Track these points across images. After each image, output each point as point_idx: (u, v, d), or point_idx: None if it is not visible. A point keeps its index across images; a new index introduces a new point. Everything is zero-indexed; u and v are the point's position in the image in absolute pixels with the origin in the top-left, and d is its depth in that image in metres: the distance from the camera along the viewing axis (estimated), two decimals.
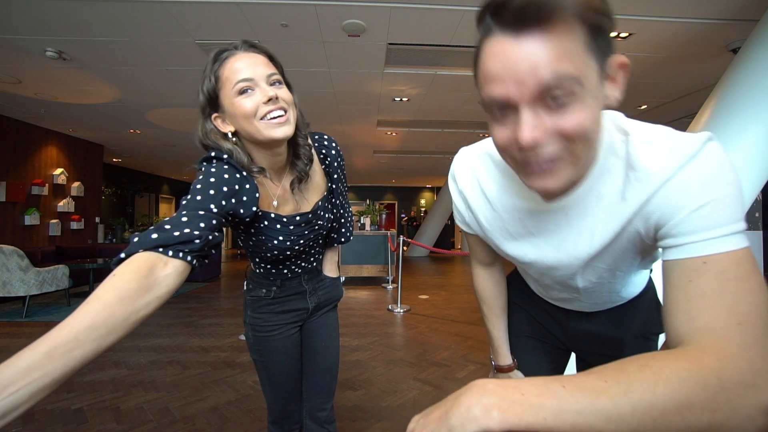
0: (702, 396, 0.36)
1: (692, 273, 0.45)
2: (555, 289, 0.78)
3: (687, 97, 4.43)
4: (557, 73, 0.41)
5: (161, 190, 12.43)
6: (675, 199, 0.47)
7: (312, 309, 1.14)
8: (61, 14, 2.71)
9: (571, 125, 0.43)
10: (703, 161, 0.47)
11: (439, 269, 8.81)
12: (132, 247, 0.63)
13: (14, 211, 5.47)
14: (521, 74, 0.42)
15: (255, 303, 1.09)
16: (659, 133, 0.51)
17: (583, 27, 0.42)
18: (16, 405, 0.42)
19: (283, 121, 0.82)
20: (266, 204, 0.93)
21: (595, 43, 0.43)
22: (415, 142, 7.07)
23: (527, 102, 0.43)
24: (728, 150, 2.14)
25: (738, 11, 2.68)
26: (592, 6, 0.42)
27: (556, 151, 0.45)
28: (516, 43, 0.42)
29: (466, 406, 0.37)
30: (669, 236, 0.48)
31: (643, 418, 0.36)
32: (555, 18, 0.40)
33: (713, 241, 0.45)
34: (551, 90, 0.42)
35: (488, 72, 0.44)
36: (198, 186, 0.76)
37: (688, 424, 0.36)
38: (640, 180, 0.51)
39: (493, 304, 0.89)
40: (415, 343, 3.44)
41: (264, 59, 0.85)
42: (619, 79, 0.47)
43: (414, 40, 3.14)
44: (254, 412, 2.17)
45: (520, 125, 0.44)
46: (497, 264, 0.89)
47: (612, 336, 0.82)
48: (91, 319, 0.50)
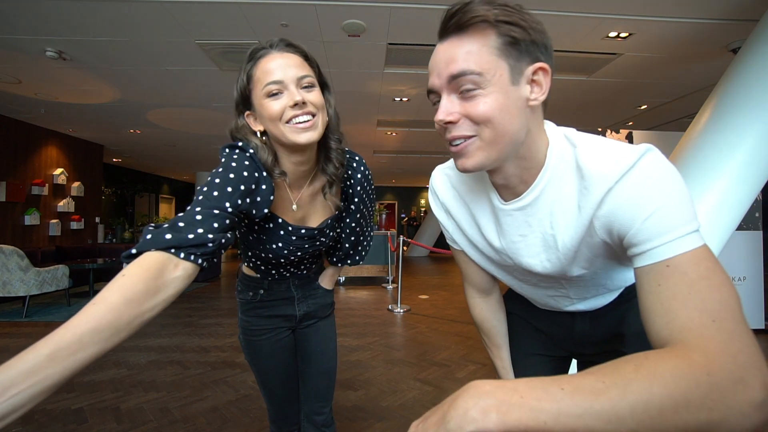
0: (696, 394, 0.37)
1: (659, 277, 0.47)
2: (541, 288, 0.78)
3: (687, 97, 4.43)
4: (462, 68, 0.52)
5: (161, 190, 12.43)
6: (626, 209, 0.51)
7: (300, 317, 1.12)
8: (61, 14, 2.71)
9: (476, 111, 0.53)
10: (643, 170, 0.50)
11: (439, 269, 8.81)
12: (144, 244, 0.62)
13: (14, 211, 5.47)
14: (440, 67, 0.55)
15: (243, 306, 1.10)
16: (603, 145, 0.56)
17: (496, 36, 0.52)
18: (17, 407, 0.42)
19: (307, 126, 0.80)
20: (278, 207, 0.92)
21: (508, 50, 0.52)
22: (415, 142, 7.07)
23: (444, 89, 0.55)
24: (728, 150, 2.15)
25: (738, 11, 2.68)
26: (504, 20, 0.51)
27: (465, 132, 0.55)
28: (441, 45, 0.55)
29: (464, 409, 0.37)
30: (631, 245, 0.51)
31: (642, 417, 0.36)
32: (469, 26, 0.52)
33: (670, 244, 0.47)
34: (459, 81, 0.53)
35: (429, 68, 0.58)
36: (217, 180, 0.75)
37: (686, 422, 0.36)
38: (587, 188, 0.55)
39: (493, 334, 0.88)
40: (415, 343, 3.44)
41: (298, 60, 0.83)
42: (541, 81, 0.55)
43: (414, 40, 3.14)
44: (254, 412, 2.17)
45: (438, 107, 0.56)
46: (495, 291, 0.88)
47: (616, 333, 0.83)
48: (96, 322, 0.49)
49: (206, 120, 5.45)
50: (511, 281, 0.85)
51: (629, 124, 5.53)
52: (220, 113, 5.06)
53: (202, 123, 5.61)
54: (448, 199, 0.76)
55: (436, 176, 0.79)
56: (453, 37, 0.54)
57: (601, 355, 0.87)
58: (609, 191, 0.52)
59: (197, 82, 4.02)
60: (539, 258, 0.67)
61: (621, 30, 2.97)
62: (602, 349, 0.86)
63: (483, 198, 0.71)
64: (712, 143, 2.20)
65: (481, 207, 0.71)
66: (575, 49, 3.27)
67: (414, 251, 11.71)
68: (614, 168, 0.52)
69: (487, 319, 0.87)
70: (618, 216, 0.52)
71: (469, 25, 0.52)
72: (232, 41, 3.11)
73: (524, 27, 0.52)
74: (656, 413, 0.36)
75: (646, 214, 0.48)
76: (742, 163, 2.12)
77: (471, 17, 0.51)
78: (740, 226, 3.28)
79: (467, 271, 0.85)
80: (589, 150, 0.56)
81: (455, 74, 0.52)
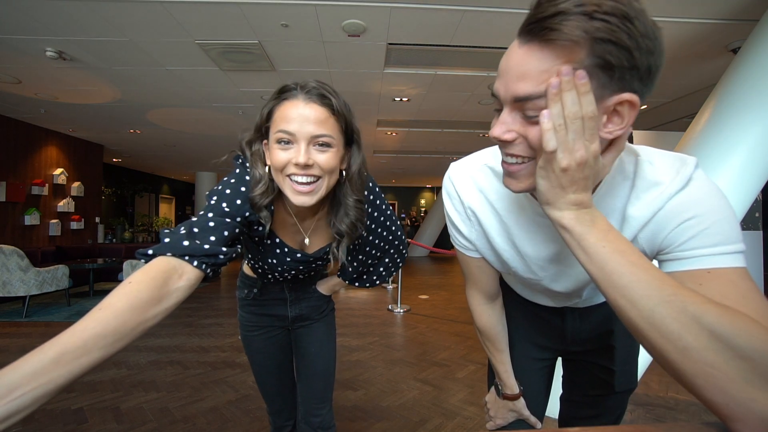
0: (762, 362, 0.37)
1: (700, 279, 0.47)
2: (555, 297, 0.79)
3: (687, 97, 4.42)
4: (530, 92, 0.44)
5: (161, 190, 12.42)
6: (679, 219, 0.50)
7: (293, 318, 1.12)
8: (61, 14, 2.71)
9: (537, 138, 0.46)
10: (700, 183, 0.51)
11: (439, 269, 8.81)
12: (162, 247, 0.64)
13: (14, 211, 5.47)
14: (507, 77, 0.46)
15: (240, 302, 1.15)
16: (658, 154, 0.56)
17: (587, 55, 0.41)
18: (21, 408, 0.42)
19: (305, 191, 0.76)
20: (279, 227, 0.92)
21: (596, 73, 0.42)
22: (415, 142, 7.06)
23: (508, 104, 0.47)
24: (728, 150, 2.14)
25: (738, 11, 2.68)
26: (603, 37, 0.40)
27: (522, 153, 0.49)
28: (518, 47, 0.45)
29: None
30: (672, 252, 0.51)
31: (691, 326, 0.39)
32: (558, 38, 0.41)
33: (721, 257, 0.47)
34: (525, 105, 0.45)
35: (499, 67, 0.48)
36: (227, 191, 0.76)
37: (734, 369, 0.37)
38: (640, 198, 0.54)
39: (498, 340, 0.87)
40: (415, 343, 3.44)
41: (322, 115, 0.76)
42: (624, 114, 0.46)
43: (414, 40, 3.14)
44: (254, 412, 2.17)
45: (496, 118, 0.50)
46: (499, 298, 0.87)
47: (606, 330, 0.85)
48: (102, 327, 0.50)
49: (206, 120, 5.45)
50: (523, 290, 0.86)
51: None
52: (220, 113, 5.06)
53: (202, 123, 5.61)
54: (474, 203, 0.68)
55: (458, 177, 0.70)
56: (534, 44, 0.43)
57: (589, 353, 0.89)
58: (670, 199, 0.51)
59: (197, 82, 4.01)
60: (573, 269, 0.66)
61: None
62: (591, 346, 0.88)
63: (517, 206, 0.65)
64: (712, 143, 2.19)
65: (516, 216, 0.66)
66: None
67: (414, 251, 11.71)
68: (675, 178, 0.52)
69: (493, 326, 0.85)
70: (670, 224, 0.51)
71: (558, 34, 0.41)
72: (232, 41, 3.11)
73: (629, 48, 0.40)
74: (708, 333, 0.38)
75: (705, 224, 0.48)
76: (742, 163, 2.12)
77: (563, 31, 0.40)
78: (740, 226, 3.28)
79: (478, 277, 0.80)
80: (649, 160, 0.55)
81: (521, 97, 0.45)
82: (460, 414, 2.18)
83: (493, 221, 0.68)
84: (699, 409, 2.22)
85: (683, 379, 0.40)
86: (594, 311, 0.84)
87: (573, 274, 0.67)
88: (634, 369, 0.89)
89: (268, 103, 0.81)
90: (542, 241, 0.65)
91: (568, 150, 0.43)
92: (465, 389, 2.50)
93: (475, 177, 0.68)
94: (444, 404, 2.29)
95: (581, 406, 0.94)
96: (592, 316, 0.84)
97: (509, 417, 0.88)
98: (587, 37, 0.40)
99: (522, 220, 0.65)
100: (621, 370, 0.86)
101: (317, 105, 0.76)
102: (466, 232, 0.72)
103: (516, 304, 0.90)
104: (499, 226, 0.68)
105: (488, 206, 0.68)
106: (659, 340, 0.41)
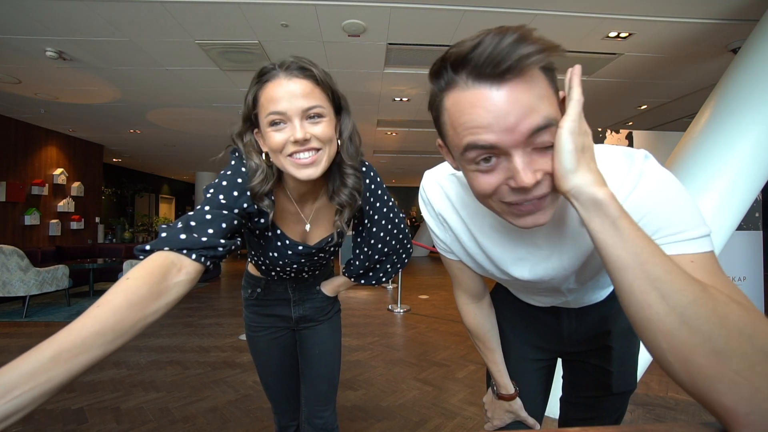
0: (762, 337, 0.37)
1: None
2: (540, 293, 0.80)
3: (687, 97, 4.42)
4: (544, 119, 0.43)
5: (161, 190, 12.42)
6: (636, 218, 0.48)
7: (297, 319, 1.12)
8: (61, 14, 2.71)
9: (549, 163, 0.46)
10: (650, 179, 0.51)
11: (439, 269, 8.81)
12: (159, 242, 0.63)
13: (14, 211, 5.47)
14: (508, 121, 0.42)
15: (245, 302, 1.14)
16: (605, 155, 0.55)
17: (542, 69, 0.44)
18: (19, 408, 0.41)
19: (308, 162, 0.76)
20: (280, 218, 0.92)
21: (552, 81, 0.46)
22: (415, 142, 7.06)
23: (520, 146, 0.44)
24: (728, 150, 2.14)
25: (738, 11, 2.68)
26: (548, 49, 0.42)
27: (546, 190, 0.47)
28: (498, 92, 0.42)
29: None
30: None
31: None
32: (525, 66, 0.41)
33: (681, 244, 0.47)
34: (540, 135, 0.43)
35: (471, 122, 0.44)
36: (224, 183, 0.75)
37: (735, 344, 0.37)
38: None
39: (488, 338, 0.87)
40: (415, 343, 3.44)
41: (307, 87, 0.75)
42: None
43: (414, 40, 3.14)
44: (254, 412, 2.17)
45: (517, 169, 0.44)
46: (486, 296, 0.87)
47: (603, 330, 0.85)
48: (100, 325, 0.49)
49: (206, 120, 5.45)
50: (516, 291, 0.87)
51: (629, 124, 5.53)
52: (220, 113, 5.06)
53: (202, 123, 5.61)
54: (443, 209, 0.71)
55: (428, 185, 0.72)
56: (512, 81, 0.42)
57: (587, 354, 0.89)
58: (624, 202, 0.50)
59: (197, 82, 4.01)
60: (545, 272, 0.66)
61: (621, 30, 2.97)
62: (588, 347, 0.87)
63: (480, 213, 0.67)
64: (712, 143, 2.19)
65: (480, 222, 0.68)
66: (575, 49, 3.27)
67: (414, 251, 11.68)
68: (626, 178, 0.52)
69: (481, 324, 0.86)
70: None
71: (523, 66, 0.41)
72: (232, 41, 3.11)
73: (558, 50, 0.43)
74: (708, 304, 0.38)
75: (662, 217, 0.49)
76: (742, 163, 2.12)
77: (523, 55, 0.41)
78: (740, 226, 3.27)
79: (461, 278, 0.82)
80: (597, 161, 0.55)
81: (540, 126, 0.43)
82: (460, 414, 2.18)
83: (461, 227, 0.70)
84: (699, 409, 2.22)
85: (700, 382, 0.38)
86: (590, 312, 0.84)
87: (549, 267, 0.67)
88: (633, 371, 0.88)
89: (250, 89, 0.79)
90: (507, 242, 0.66)
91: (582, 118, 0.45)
92: (465, 389, 2.50)
93: (443, 185, 0.71)
94: (444, 404, 2.29)
95: (580, 408, 0.94)
96: (588, 316, 0.84)
97: (506, 418, 0.88)
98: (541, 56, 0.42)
99: (485, 227, 0.67)
100: (618, 372, 0.86)
101: (300, 78, 0.76)
102: (442, 236, 0.75)
103: (511, 305, 0.90)
104: (468, 231, 0.70)
105: (455, 213, 0.70)
106: (688, 339, 0.38)
